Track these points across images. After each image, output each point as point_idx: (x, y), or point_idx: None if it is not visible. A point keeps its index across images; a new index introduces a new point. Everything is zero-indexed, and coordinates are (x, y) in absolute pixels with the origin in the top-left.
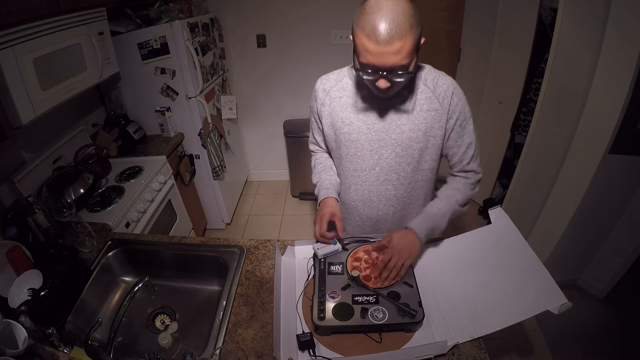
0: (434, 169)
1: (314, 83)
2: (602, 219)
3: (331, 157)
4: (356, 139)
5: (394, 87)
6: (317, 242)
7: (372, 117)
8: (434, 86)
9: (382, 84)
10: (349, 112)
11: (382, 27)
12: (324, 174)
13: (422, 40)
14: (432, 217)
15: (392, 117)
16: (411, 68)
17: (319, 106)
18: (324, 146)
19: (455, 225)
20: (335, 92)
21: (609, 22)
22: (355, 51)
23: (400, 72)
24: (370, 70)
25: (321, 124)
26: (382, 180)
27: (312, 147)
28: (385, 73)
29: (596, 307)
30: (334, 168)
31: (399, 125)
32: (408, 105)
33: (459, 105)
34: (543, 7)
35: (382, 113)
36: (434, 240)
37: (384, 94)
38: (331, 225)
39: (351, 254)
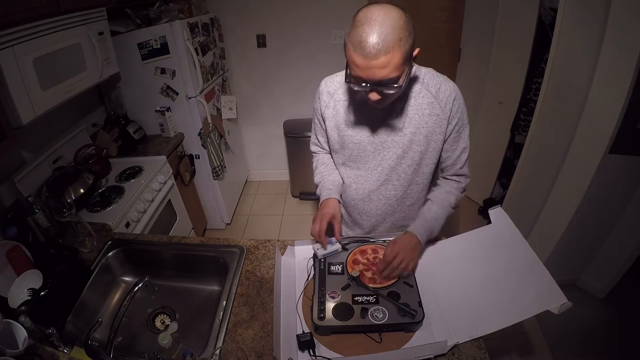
0: (432, 172)
1: (316, 83)
2: (602, 219)
3: (332, 157)
4: (359, 141)
5: (386, 99)
6: (316, 241)
7: (375, 120)
8: (437, 91)
9: (373, 96)
10: (354, 114)
11: (369, 41)
12: (326, 174)
13: (416, 51)
14: (429, 222)
15: (395, 120)
16: (401, 81)
17: (322, 108)
18: (326, 147)
19: (455, 226)
20: (340, 94)
21: (609, 22)
22: (347, 63)
23: (389, 85)
24: (359, 83)
25: (325, 125)
26: (382, 180)
27: (313, 148)
28: (374, 86)
29: (596, 307)
30: (336, 168)
31: (401, 129)
32: (410, 109)
33: (459, 112)
34: (543, 7)
35: (385, 116)
36: (433, 240)
37: (377, 105)
38: (329, 227)
39: (351, 254)
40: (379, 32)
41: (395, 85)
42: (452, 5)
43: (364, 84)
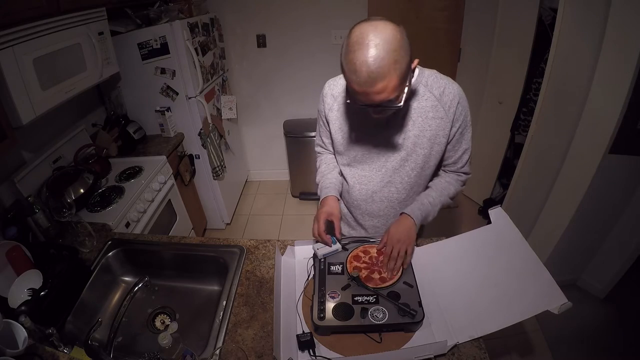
0: (432, 173)
1: (316, 83)
2: (602, 219)
3: (337, 159)
4: (364, 143)
5: (388, 112)
6: (316, 241)
7: (379, 123)
8: (440, 94)
9: (375, 114)
10: (358, 117)
11: (364, 70)
12: (326, 172)
13: (415, 62)
14: (426, 206)
15: (399, 122)
16: (401, 98)
17: (326, 111)
18: (330, 148)
19: (455, 226)
20: (344, 97)
21: (609, 21)
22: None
23: (389, 105)
24: (360, 104)
25: (329, 127)
26: (386, 182)
27: (318, 148)
28: (374, 107)
29: (596, 307)
30: (338, 167)
31: (405, 131)
32: (413, 112)
33: (463, 114)
34: (543, 7)
35: (389, 119)
36: (433, 240)
37: (380, 116)
38: (329, 225)
39: (351, 254)
40: (373, 59)
41: (397, 104)
42: (452, 5)
43: (359, 104)
